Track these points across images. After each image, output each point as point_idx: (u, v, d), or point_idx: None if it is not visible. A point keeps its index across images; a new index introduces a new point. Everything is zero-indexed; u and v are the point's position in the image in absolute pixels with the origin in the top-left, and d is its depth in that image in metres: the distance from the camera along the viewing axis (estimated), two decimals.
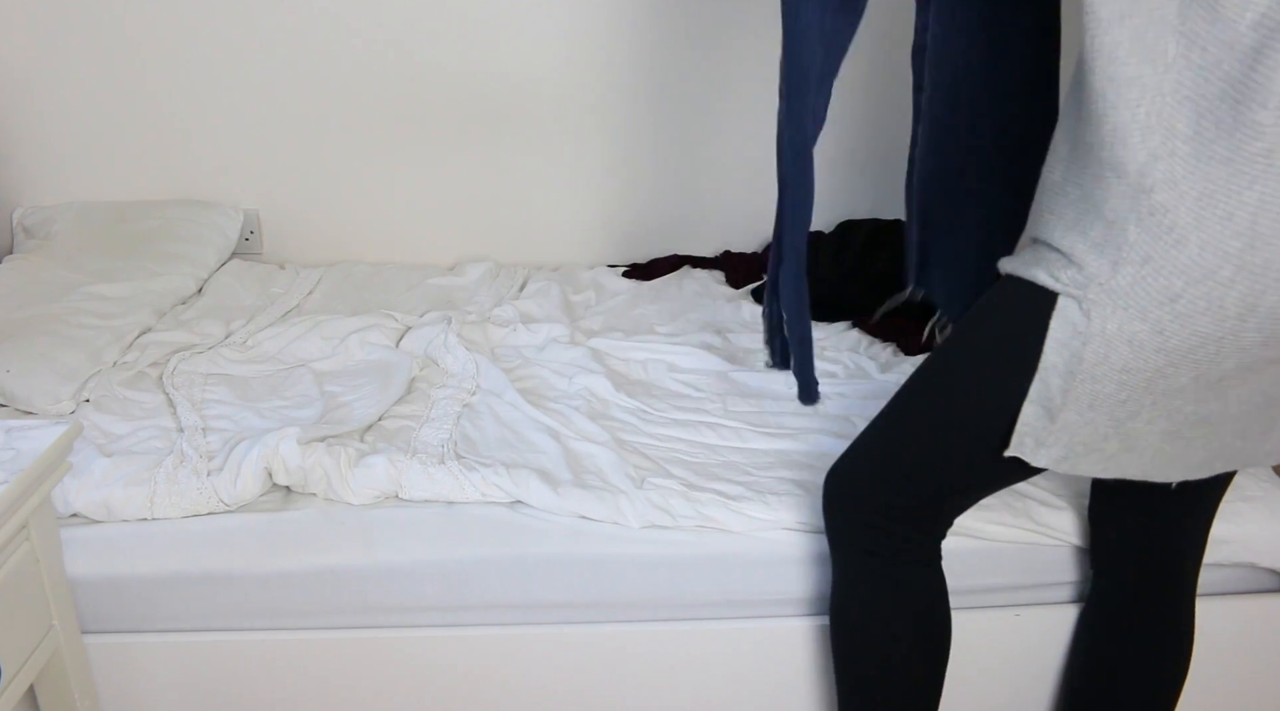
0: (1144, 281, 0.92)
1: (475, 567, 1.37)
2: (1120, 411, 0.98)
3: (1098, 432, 1.00)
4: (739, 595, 1.40)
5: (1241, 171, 0.86)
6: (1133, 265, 0.92)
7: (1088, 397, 0.98)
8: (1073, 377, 0.97)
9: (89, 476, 1.39)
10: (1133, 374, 0.95)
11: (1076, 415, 0.99)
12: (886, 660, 1.23)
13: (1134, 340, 0.93)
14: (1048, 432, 1.01)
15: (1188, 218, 0.88)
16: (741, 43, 2.17)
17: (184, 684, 1.41)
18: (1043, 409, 1.00)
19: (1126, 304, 0.93)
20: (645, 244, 2.34)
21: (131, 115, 2.18)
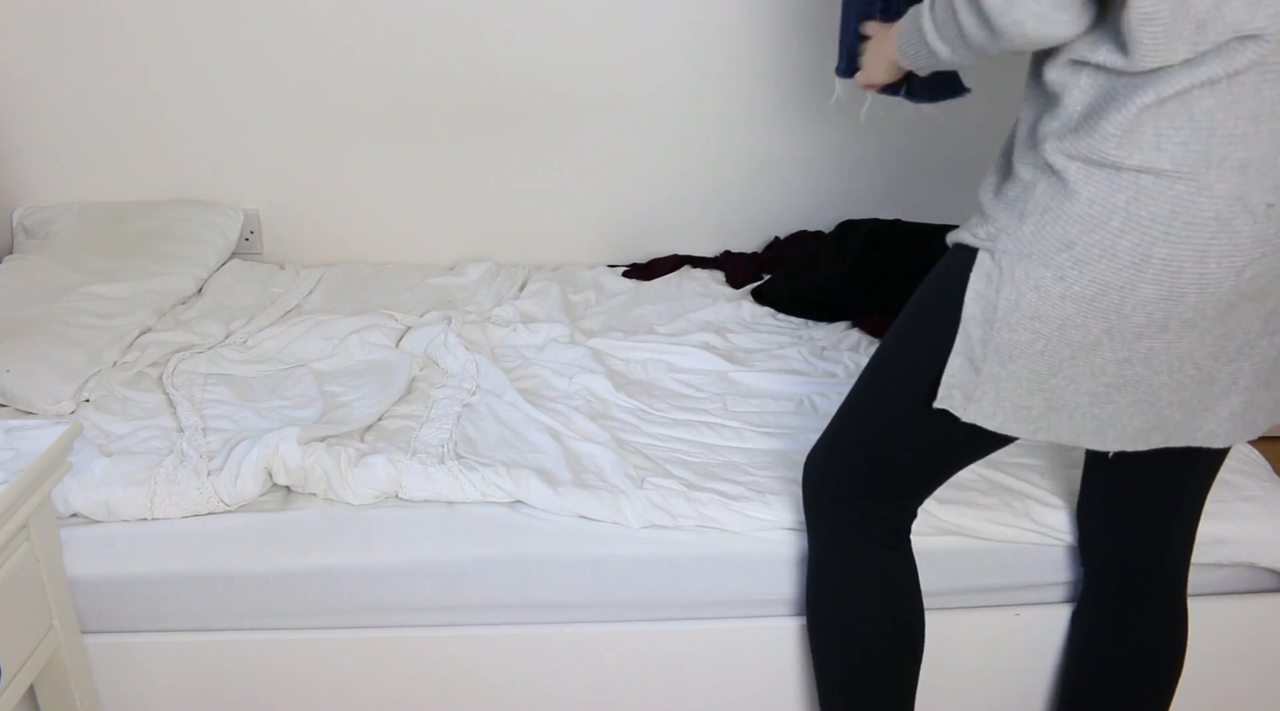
0: (1044, 230, 0.98)
1: (475, 567, 1.37)
2: (1040, 365, 1.03)
3: (1021, 388, 1.05)
4: (738, 595, 1.40)
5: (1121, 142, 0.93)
6: (1035, 216, 0.99)
7: (1006, 347, 1.02)
8: (990, 326, 1.03)
9: (89, 476, 1.39)
10: (1044, 321, 1.00)
11: (999, 367, 1.04)
12: (856, 644, 1.26)
13: (1040, 286, 0.99)
14: (974, 385, 1.06)
15: (1078, 176, 0.96)
16: (742, 42, 2.17)
17: (184, 684, 1.41)
18: (967, 360, 1.05)
19: (1030, 251, 0.99)
20: (645, 244, 2.34)
21: (131, 115, 2.18)
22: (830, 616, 1.27)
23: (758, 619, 1.42)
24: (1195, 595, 1.40)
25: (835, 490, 1.24)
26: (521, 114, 2.21)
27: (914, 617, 1.26)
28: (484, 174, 2.26)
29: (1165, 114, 0.92)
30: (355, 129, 2.21)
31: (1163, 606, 1.27)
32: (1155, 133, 0.92)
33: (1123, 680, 1.28)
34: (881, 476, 1.21)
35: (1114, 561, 1.29)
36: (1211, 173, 0.91)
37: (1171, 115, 0.91)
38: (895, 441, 1.18)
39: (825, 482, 1.25)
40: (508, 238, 2.32)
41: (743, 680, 1.44)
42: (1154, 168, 0.93)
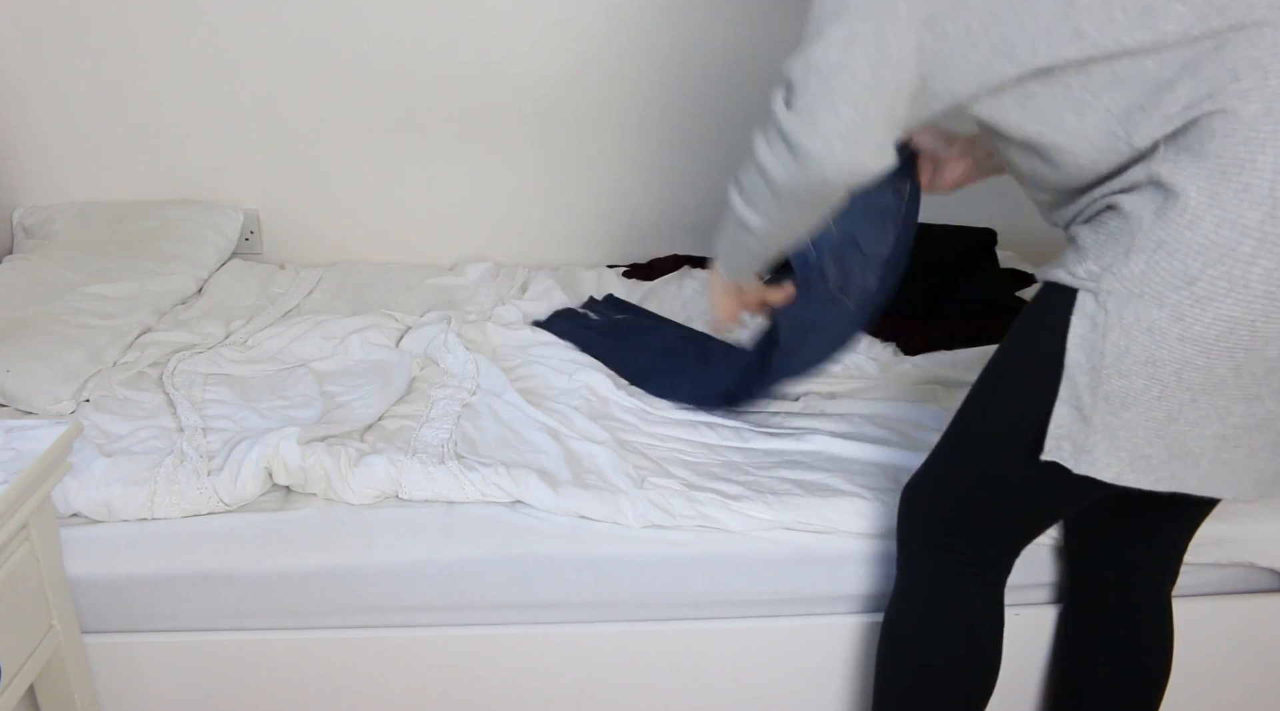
0: (1157, 266, 0.90)
1: (475, 567, 1.37)
2: (1157, 411, 0.95)
3: (1139, 436, 0.96)
4: (739, 595, 1.40)
5: (1248, 138, 0.85)
6: (1145, 251, 0.90)
7: (1118, 395, 0.94)
8: (1098, 374, 0.95)
9: (89, 476, 1.39)
10: (1159, 366, 0.92)
11: (1111, 415, 0.96)
12: (928, 680, 1.22)
13: (1153, 328, 0.91)
14: (1085, 435, 0.98)
15: (1200, 197, 0.87)
16: (742, 42, 2.17)
17: (184, 684, 1.41)
18: (1074, 409, 0.97)
19: (1141, 291, 0.91)
20: (645, 244, 2.34)
21: (131, 115, 2.17)
22: (908, 652, 1.23)
23: (758, 619, 1.42)
24: (1195, 595, 1.41)
25: (933, 533, 1.18)
26: (521, 114, 2.21)
27: (993, 663, 1.22)
28: (484, 174, 2.26)
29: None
30: (355, 129, 2.21)
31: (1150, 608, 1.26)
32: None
33: (1110, 682, 1.28)
34: (982, 525, 1.14)
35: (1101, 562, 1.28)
36: None
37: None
38: (998, 492, 1.10)
39: (923, 524, 1.19)
40: (508, 238, 2.32)
41: (743, 679, 1.44)
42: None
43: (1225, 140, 0.86)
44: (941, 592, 1.20)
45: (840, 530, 1.37)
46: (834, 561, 1.38)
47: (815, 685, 1.45)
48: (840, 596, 1.40)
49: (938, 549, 1.19)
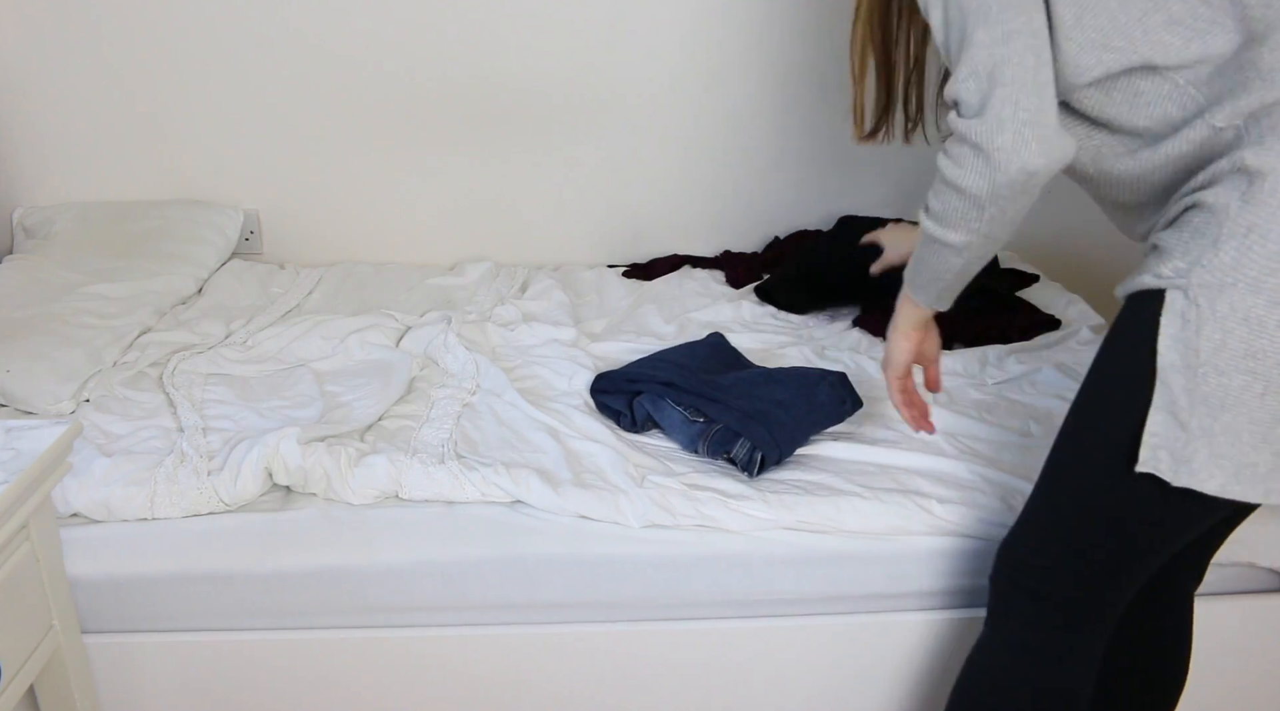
0: (1250, 251, 0.87)
1: (475, 567, 1.37)
2: (1260, 412, 0.90)
3: (1242, 442, 0.91)
4: (738, 595, 1.40)
5: None
6: (1236, 237, 0.88)
7: (1217, 395, 0.90)
8: (1193, 373, 0.90)
9: (89, 476, 1.39)
10: (1259, 359, 0.88)
11: (1210, 419, 0.91)
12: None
13: (1250, 317, 0.88)
14: (1183, 443, 0.92)
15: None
16: (742, 42, 2.17)
17: (184, 684, 1.41)
18: (1170, 415, 0.92)
19: (1235, 279, 0.88)
20: (645, 244, 2.34)
21: (131, 115, 2.18)
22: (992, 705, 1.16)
23: (758, 618, 1.41)
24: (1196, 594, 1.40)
25: (1034, 585, 1.10)
26: (522, 114, 2.21)
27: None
28: (484, 174, 2.26)
29: None
30: (355, 129, 2.21)
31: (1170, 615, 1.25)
32: None
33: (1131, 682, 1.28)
34: (1084, 563, 1.06)
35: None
36: None
37: None
38: (1096, 520, 1.03)
39: (1023, 577, 1.12)
40: (508, 238, 2.32)
41: (743, 679, 1.44)
42: None
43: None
44: (1039, 648, 1.13)
45: (840, 530, 1.37)
46: (834, 561, 1.38)
47: (815, 685, 1.45)
48: (840, 596, 1.40)
49: (1039, 603, 1.11)
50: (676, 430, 1.52)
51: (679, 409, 1.51)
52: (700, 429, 1.48)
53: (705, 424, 1.48)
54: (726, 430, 1.46)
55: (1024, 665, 1.14)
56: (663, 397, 1.53)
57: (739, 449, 1.44)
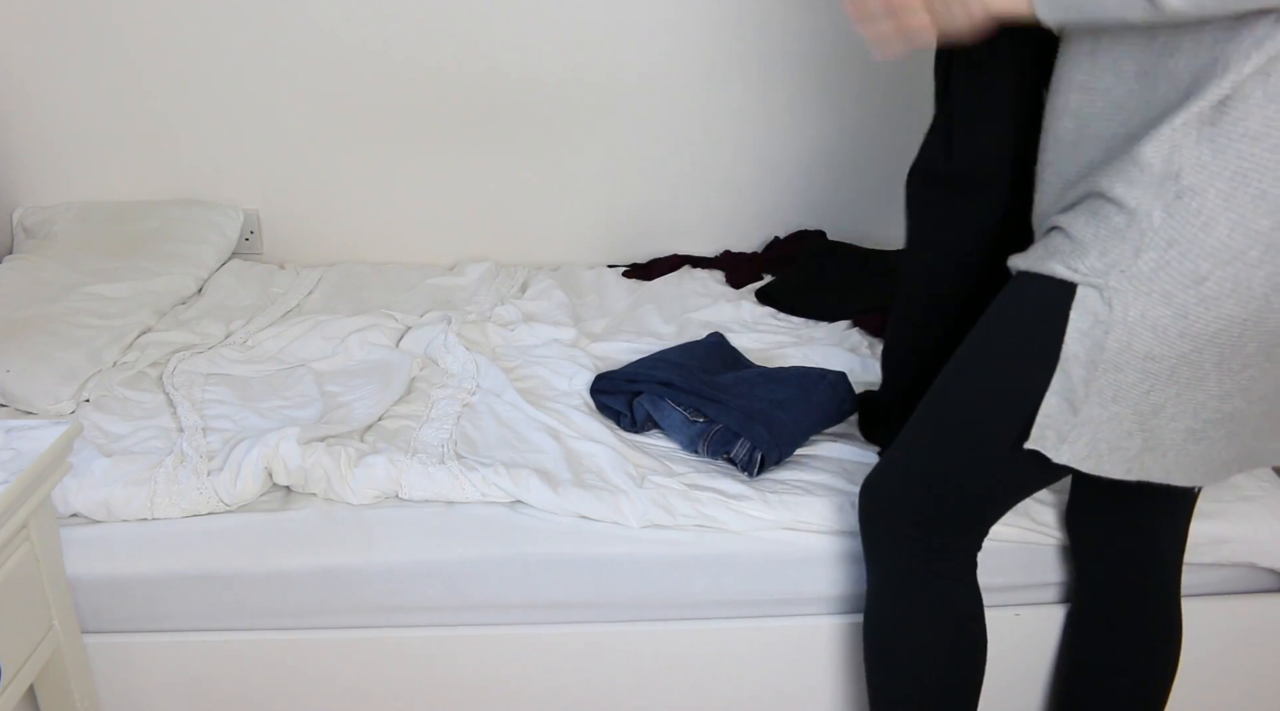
0: (1168, 266, 0.90)
1: (475, 567, 1.37)
2: (1144, 405, 0.97)
3: (1121, 429, 0.99)
4: (739, 595, 1.40)
5: (1276, 146, 0.86)
6: (1156, 250, 0.91)
7: (1111, 389, 0.96)
8: (1095, 367, 0.96)
9: (89, 476, 1.39)
10: (1156, 361, 0.94)
11: (1100, 409, 0.98)
12: (919, 674, 1.22)
13: (1157, 326, 0.92)
14: (1070, 426, 1.00)
15: (1218, 199, 0.88)
16: (742, 42, 2.17)
17: (184, 684, 1.41)
18: (1065, 401, 0.99)
19: (1150, 289, 0.92)
20: (645, 244, 2.34)
21: (132, 115, 2.18)
22: (893, 649, 1.23)
23: (758, 618, 1.41)
24: (1195, 595, 1.40)
25: (906, 527, 1.18)
26: (521, 114, 2.21)
27: (980, 648, 1.23)
28: (484, 174, 2.26)
29: None
30: (355, 129, 2.21)
31: (1157, 610, 1.26)
32: None
33: (1118, 681, 1.28)
34: (954, 509, 1.15)
35: (1107, 566, 1.28)
36: None
37: None
38: (971, 477, 1.12)
39: (894, 520, 1.19)
40: (508, 238, 2.32)
41: (743, 679, 1.44)
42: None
43: (1254, 145, 0.87)
44: (918, 587, 1.20)
45: (840, 530, 1.37)
46: (834, 561, 1.38)
47: (815, 685, 1.45)
48: (840, 596, 1.40)
49: (906, 542, 1.19)
50: (676, 430, 1.52)
51: (679, 409, 1.51)
52: (700, 429, 1.48)
53: (705, 424, 1.48)
54: (726, 430, 1.46)
55: (910, 606, 1.21)
56: (662, 398, 1.53)
57: (739, 449, 1.44)
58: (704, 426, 1.48)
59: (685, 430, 1.50)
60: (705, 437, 1.47)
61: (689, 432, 1.50)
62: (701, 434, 1.48)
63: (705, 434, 1.47)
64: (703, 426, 1.48)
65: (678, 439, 1.53)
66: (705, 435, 1.47)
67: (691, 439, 1.49)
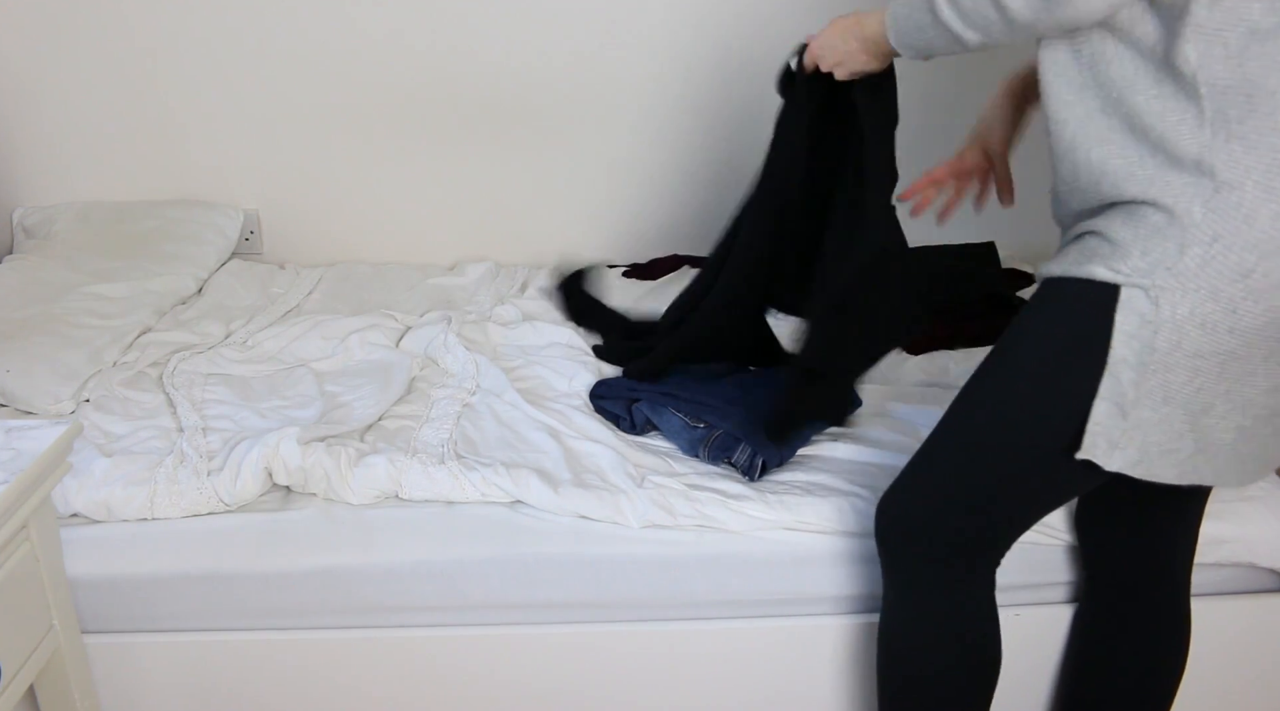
0: (1214, 260, 0.90)
1: (475, 567, 1.37)
2: (1194, 404, 0.96)
3: (1173, 430, 0.98)
4: (739, 595, 1.40)
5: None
6: (1200, 245, 0.91)
7: (1161, 390, 0.95)
8: (1144, 369, 0.95)
9: (89, 476, 1.39)
10: (1206, 359, 0.93)
11: (1151, 411, 0.97)
12: (934, 689, 1.21)
13: (1206, 322, 0.92)
14: (1121, 432, 0.98)
15: (1256, 191, 0.88)
16: (742, 42, 2.17)
17: (184, 684, 1.41)
18: (1115, 406, 0.97)
19: (1197, 285, 0.91)
20: (645, 244, 2.34)
21: (132, 115, 2.18)
22: (909, 662, 1.22)
23: (758, 619, 1.41)
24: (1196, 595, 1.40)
25: (933, 549, 1.16)
26: (522, 114, 2.21)
27: (994, 665, 1.21)
28: (484, 174, 2.26)
29: None
30: (355, 129, 2.21)
31: (1166, 611, 1.26)
32: None
33: (1126, 682, 1.28)
34: (988, 530, 1.13)
35: (1117, 567, 1.28)
36: None
37: None
38: (1012, 494, 1.09)
39: (918, 541, 1.16)
40: (508, 238, 2.32)
41: (743, 680, 1.44)
42: None
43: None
44: (939, 606, 1.19)
45: (840, 530, 1.37)
46: (834, 561, 1.38)
47: (815, 685, 1.45)
48: (840, 596, 1.40)
49: (933, 567, 1.17)
50: (677, 435, 1.52)
51: (679, 414, 1.51)
52: (701, 434, 1.48)
53: (706, 429, 1.48)
54: (727, 436, 1.46)
55: (929, 623, 1.19)
56: (664, 404, 1.53)
57: (740, 454, 1.44)
58: (705, 432, 1.48)
59: (686, 435, 1.50)
60: (706, 443, 1.47)
61: (689, 437, 1.50)
62: (702, 439, 1.48)
63: (706, 439, 1.47)
64: (703, 432, 1.48)
65: (678, 443, 1.53)
66: (706, 440, 1.47)
67: (692, 444, 1.49)
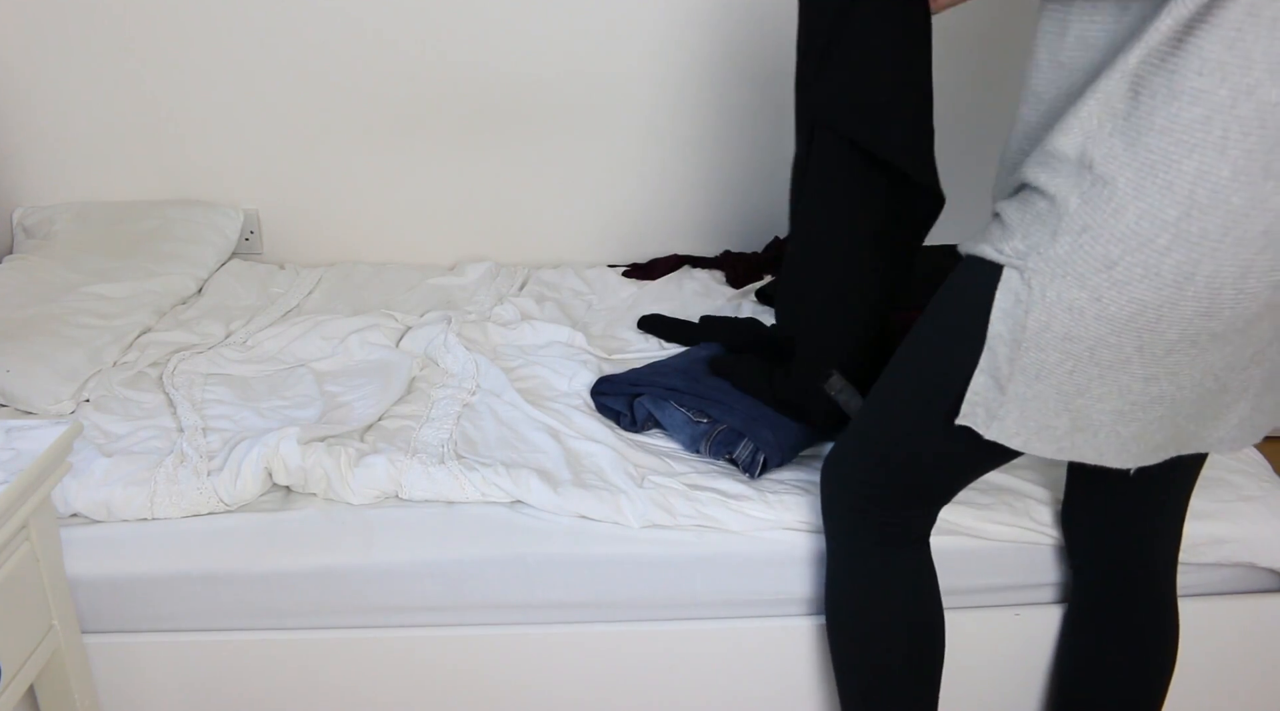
0: (1082, 249, 0.94)
1: (475, 567, 1.37)
2: (1068, 385, 1.00)
3: (1048, 407, 1.02)
4: (739, 595, 1.40)
5: (1180, 141, 0.89)
6: (1071, 234, 0.95)
7: (1034, 367, 1.00)
8: (1017, 346, 1.00)
9: (89, 476, 1.39)
10: (1075, 342, 0.97)
11: (1025, 387, 1.01)
12: (879, 646, 1.25)
13: (1073, 307, 0.96)
14: (998, 404, 1.03)
15: (1128, 188, 0.91)
16: (742, 42, 2.17)
17: (184, 684, 1.41)
18: (992, 379, 1.03)
19: (1065, 271, 0.95)
20: (645, 244, 2.34)
21: (131, 115, 2.18)
22: (852, 622, 1.26)
23: (758, 618, 1.42)
24: (1196, 595, 1.41)
25: (856, 500, 1.22)
26: (522, 114, 2.21)
27: (935, 619, 1.26)
28: (484, 174, 2.26)
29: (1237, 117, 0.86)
30: (355, 129, 2.21)
31: (1152, 608, 1.27)
32: (1223, 132, 0.87)
33: (1115, 680, 1.28)
34: (903, 486, 1.19)
35: (1102, 565, 1.29)
36: (1269, 184, 0.87)
37: (1244, 119, 0.86)
38: (916, 453, 1.15)
39: (846, 492, 1.23)
40: (508, 238, 2.32)
41: (743, 680, 1.44)
42: (1213, 174, 0.88)
43: (1161, 138, 0.90)
44: (873, 563, 1.24)
45: None
46: None
47: (815, 684, 1.45)
48: None
49: (859, 516, 1.22)
50: (678, 430, 1.52)
51: (682, 409, 1.51)
52: (704, 429, 1.48)
53: (709, 424, 1.48)
54: (730, 431, 1.46)
55: (869, 579, 1.25)
56: (665, 399, 1.53)
57: (742, 450, 1.44)
58: (707, 427, 1.48)
59: (688, 430, 1.50)
60: (708, 438, 1.47)
61: (691, 432, 1.50)
62: (705, 434, 1.48)
63: (708, 434, 1.47)
64: (706, 427, 1.48)
65: (679, 438, 1.53)
66: (708, 435, 1.47)
67: (694, 439, 1.49)
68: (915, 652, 1.25)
